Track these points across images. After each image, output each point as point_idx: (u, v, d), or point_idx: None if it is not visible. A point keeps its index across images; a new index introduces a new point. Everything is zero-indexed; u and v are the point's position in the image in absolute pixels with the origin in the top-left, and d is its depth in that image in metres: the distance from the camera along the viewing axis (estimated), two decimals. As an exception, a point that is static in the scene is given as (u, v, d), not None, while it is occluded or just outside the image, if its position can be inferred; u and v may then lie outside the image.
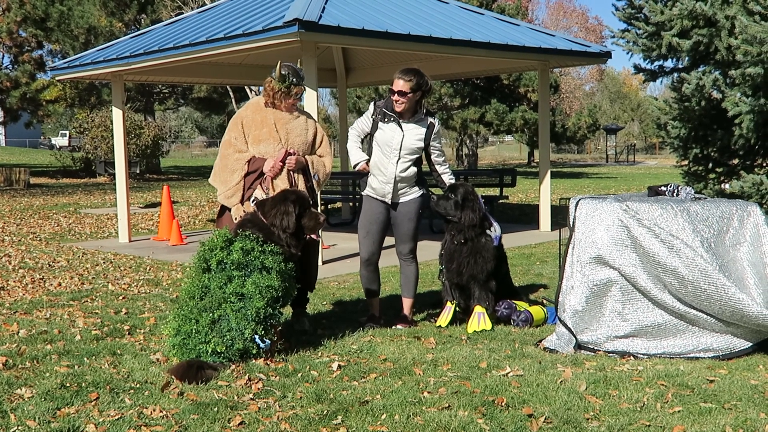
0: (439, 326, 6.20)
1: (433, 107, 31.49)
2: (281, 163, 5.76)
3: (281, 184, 5.76)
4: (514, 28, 12.37)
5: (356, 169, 6.15)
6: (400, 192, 6.11)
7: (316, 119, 6.30)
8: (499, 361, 5.15)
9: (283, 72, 5.76)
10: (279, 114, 5.89)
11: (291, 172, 5.81)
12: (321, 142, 6.10)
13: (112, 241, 12.44)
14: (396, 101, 5.95)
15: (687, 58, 8.78)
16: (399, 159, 6.01)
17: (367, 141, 6.21)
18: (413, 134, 6.04)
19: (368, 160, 6.08)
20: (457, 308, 6.32)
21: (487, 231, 6.20)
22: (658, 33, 8.69)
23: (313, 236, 5.55)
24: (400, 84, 5.91)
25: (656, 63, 9.27)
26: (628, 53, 9.13)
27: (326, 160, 6.08)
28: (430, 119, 6.12)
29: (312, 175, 5.93)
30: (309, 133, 5.99)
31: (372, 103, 6.17)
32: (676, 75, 9.11)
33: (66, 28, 29.86)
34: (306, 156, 5.93)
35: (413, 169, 6.12)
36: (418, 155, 6.11)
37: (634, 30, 9.14)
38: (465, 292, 6.29)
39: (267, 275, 5.06)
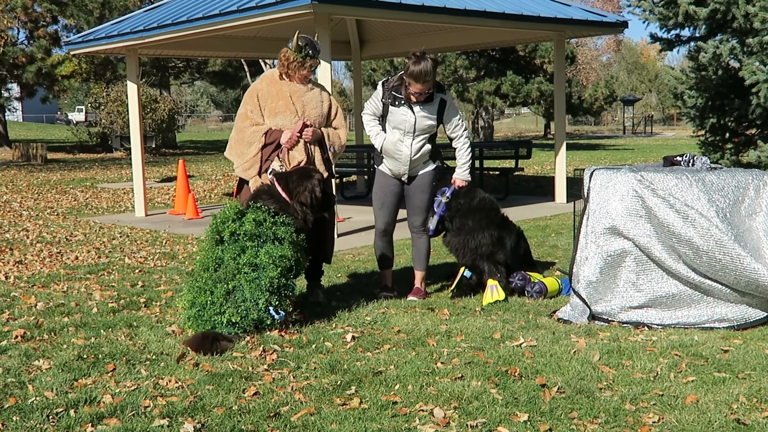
0: (452, 291, 6.22)
1: (448, 80, 31.31)
2: (298, 135, 5.77)
3: (298, 155, 5.78)
4: (529, -2, 12.24)
5: None
6: (414, 169, 6.10)
7: (330, 92, 6.28)
8: (513, 332, 5.16)
9: (300, 43, 5.74)
10: (294, 86, 5.88)
11: (308, 144, 5.83)
12: (336, 114, 6.10)
13: (129, 215, 12.51)
14: (417, 98, 5.87)
15: (704, 27, 8.69)
16: (413, 140, 5.99)
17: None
18: (424, 115, 5.98)
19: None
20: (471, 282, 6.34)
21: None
22: (675, 1, 8.59)
23: (324, 214, 5.56)
24: (422, 87, 5.78)
25: (673, 32, 9.17)
26: (644, 22, 9.03)
27: (341, 132, 6.09)
28: (441, 96, 6.00)
29: (328, 147, 5.95)
30: (324, 105, 5.99)
31: (380, 84, 6.08)
32: (692, 44, 9.01)
33: (80, 3, 29.78)
34: (322, 128, 5.94)
35: (427, 147, 6.07)
36: (431, 133, 6.07)
37: (650, -2, 9.03)
38: (476, 269, 6.30)
39: (280, 245, 5.09)
